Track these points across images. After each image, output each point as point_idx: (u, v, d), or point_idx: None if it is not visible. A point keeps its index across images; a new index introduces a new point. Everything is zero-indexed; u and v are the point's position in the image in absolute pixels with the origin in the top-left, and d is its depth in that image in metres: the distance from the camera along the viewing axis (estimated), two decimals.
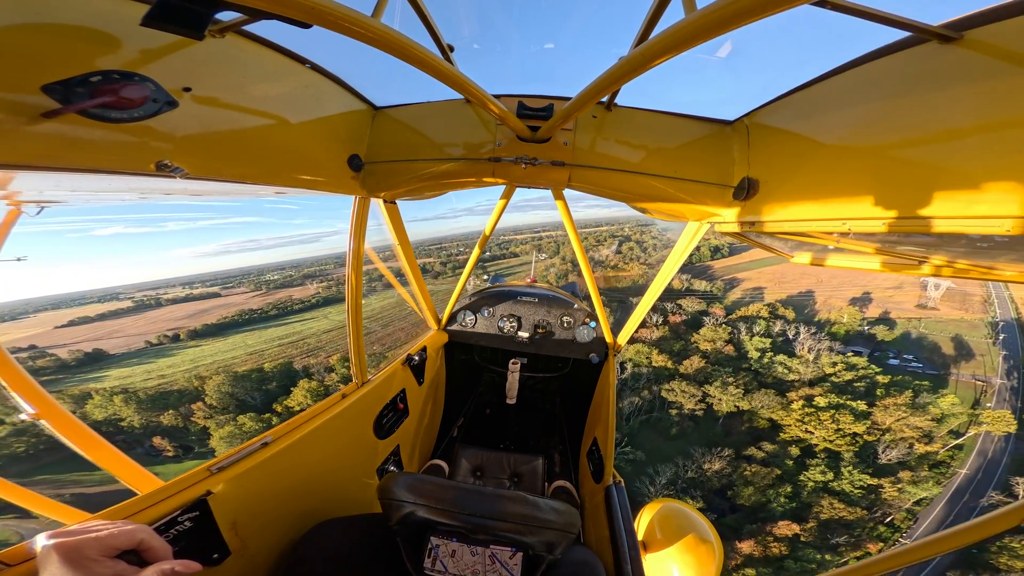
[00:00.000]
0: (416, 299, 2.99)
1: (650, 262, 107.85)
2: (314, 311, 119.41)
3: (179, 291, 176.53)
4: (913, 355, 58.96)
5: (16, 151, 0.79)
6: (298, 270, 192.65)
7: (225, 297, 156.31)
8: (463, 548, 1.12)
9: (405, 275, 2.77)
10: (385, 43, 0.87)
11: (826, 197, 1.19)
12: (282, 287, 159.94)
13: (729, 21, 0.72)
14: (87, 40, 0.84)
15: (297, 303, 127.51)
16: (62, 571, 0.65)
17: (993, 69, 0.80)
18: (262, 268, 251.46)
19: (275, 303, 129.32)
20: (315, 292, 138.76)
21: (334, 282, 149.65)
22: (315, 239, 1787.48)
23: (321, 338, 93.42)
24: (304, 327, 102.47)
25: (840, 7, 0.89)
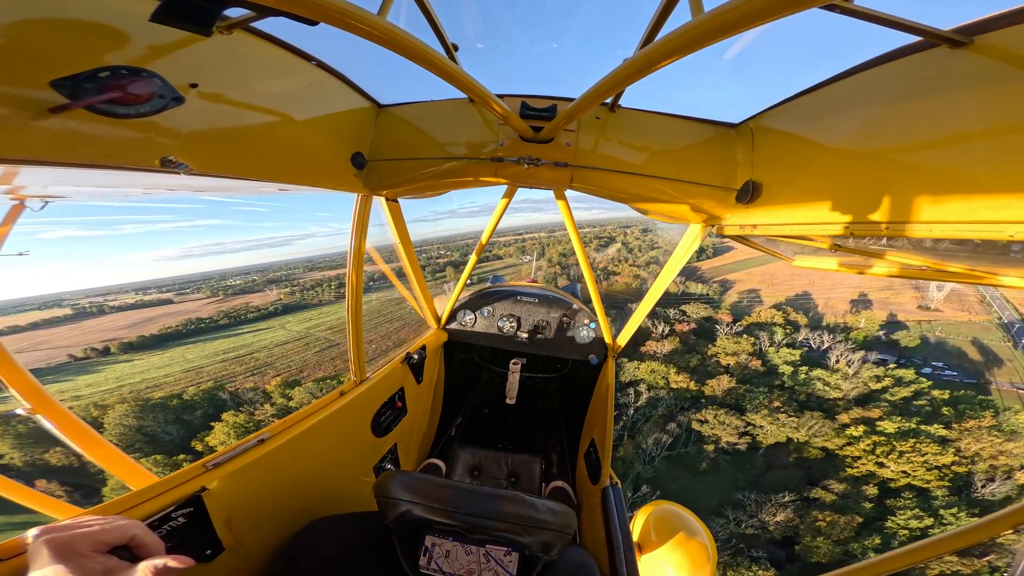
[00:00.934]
0: (416, 297, 2.98)
1: (639, 263, 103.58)
2: (271, 320, 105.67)
3: (130, 297, 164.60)
4: (943, 363, 53.35)
5: (23, 146, 0.80)
6: (263, 275, 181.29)
7: (178, 304, 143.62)
8: (459, 547, 1.11)
9: (405, 273, 2.77)
10: (390, 41, 0.87)
11: (829, 201, 1.19)
12: (241, 293, 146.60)
13: (737, 24, 0.72)
14: (96, 36, 0.84)
15: (253, 311, 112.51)
16: (53, 566, 0.65)
17: (1004, 74, 0.80)
18: (225, 272, 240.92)
19: (229, 311, 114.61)
20: (275, 299, 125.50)
21: (298, 288, 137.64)
22: (285, 242, 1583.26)
23: (272, 352, 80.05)
24: (255, 339, 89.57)
25: (850, 11, 0.89)
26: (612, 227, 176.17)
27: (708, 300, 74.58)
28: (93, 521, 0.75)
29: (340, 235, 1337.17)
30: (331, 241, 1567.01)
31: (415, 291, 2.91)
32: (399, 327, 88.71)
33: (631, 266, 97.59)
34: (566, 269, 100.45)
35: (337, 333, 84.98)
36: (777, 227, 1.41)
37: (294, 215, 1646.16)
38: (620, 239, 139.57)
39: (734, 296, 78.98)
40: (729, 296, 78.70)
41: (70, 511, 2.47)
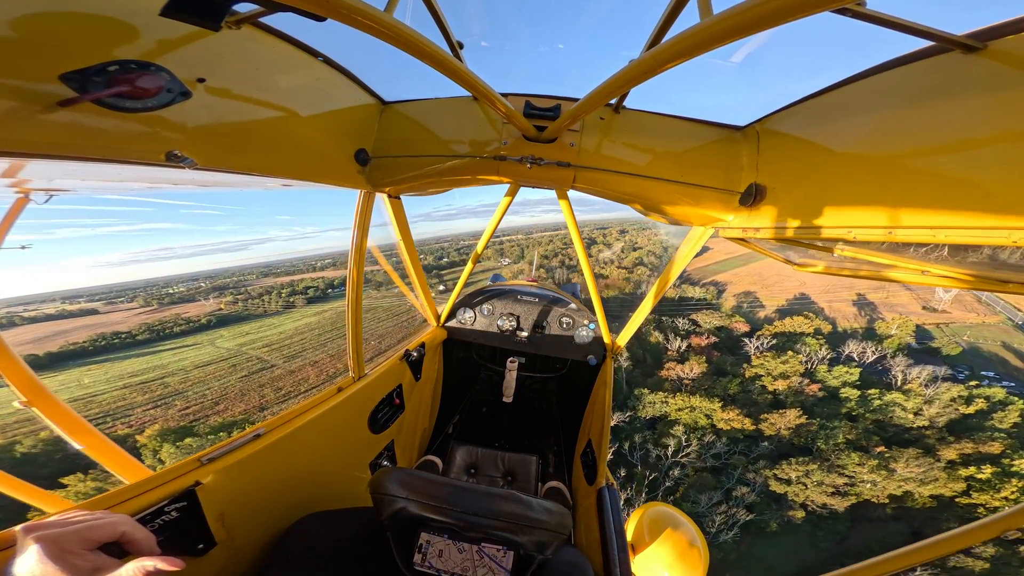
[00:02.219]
0: (417, 294, 2.98)
1: (625, 264, 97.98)
2: (201, 334, 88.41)
3: (52, 307, 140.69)
4: (992, 372, 45.26)
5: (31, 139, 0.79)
6: (212, 281, 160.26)
7: (103, 315, 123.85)
8: (454, 545, 1.11)
9: (406, 270, 2.76)
10: (396, 38, 0.87)
11: (834, 205, 1.19)
12: (180, 302, 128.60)
13: (746, 27, 0.71)
14: (106, 29, 0.84)
15: (183, 323, 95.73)
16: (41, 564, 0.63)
17: (1016, 80, 0.79)
18: (171, 279, 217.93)
19: (155, 323, 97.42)
20: (215, 309, 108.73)
21: (244, 297, 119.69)
22: (242, 247, 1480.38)
23: (188, 376, 63.54)
24: (175, 358, 74.15)
25: (862, 15, 0.89)
26: (589, 228, 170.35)
27: (708, 305, 69.21)
28: (82, 517, 0.73)
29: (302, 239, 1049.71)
30: (292, 245, 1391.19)
31: (415, 288, 2.91)
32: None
33: (618, 268, 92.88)
34: (550, 272, 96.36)
35: (273, 352, 70.46)
36: (780, 230, 1.41)
37: (251, 218, 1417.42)
38: (600, 240, 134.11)
39: (731, 300, 73.92)
40: (726, 300, 73.46)
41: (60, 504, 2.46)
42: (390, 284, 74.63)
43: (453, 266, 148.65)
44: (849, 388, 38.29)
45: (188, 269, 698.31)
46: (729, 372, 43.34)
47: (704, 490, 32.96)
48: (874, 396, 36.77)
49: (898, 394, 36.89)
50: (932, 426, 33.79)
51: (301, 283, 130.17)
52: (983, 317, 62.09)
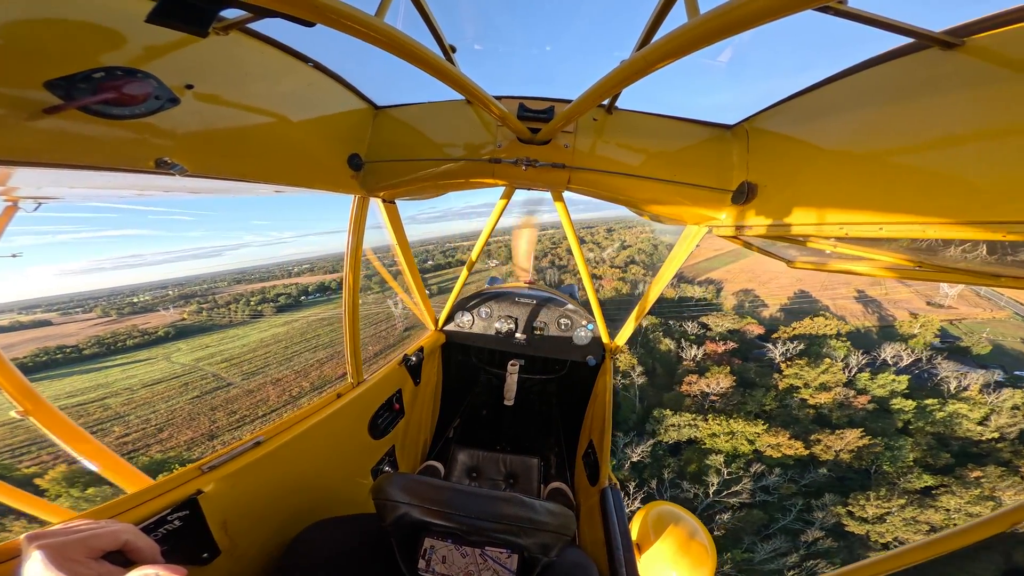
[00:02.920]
0: (414, 299, 2.97)
1: (617, 263, 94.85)
2: (157, 348, 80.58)
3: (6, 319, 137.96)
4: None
5: (17, 147, 0.79)
6: (181, 289, 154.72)
7: (57, 326, 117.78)
8: (458, 549, 1.11)
9: (403, 274, 2.76)
10: (388, 42, 0.87)
11: (825, 202, 1.20)
12: (141, 312, 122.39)
13: (732, 26, 0.73)
14: (91, 36, 0.84)
15: (138, 336, 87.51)
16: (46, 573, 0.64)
17: (994, 75, 0.81)
18: (138, 287, 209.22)
19: (107, 336, 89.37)
20: (177, 320, 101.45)
21: (211, 305, 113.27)
22: (216, 253, 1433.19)
23: (133, 397, 56.26)
24: (123, 375, 67.07)
25: (843, 13, 0.90)
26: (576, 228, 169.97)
27: (708, 305, 66.03)
28: (86, 526, 0.74)
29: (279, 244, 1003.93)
30: (269, 250, 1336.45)
31: (412, 292, 2.91)
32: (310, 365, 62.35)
33: (611, 267, 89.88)
34: (541, 273, 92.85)
35: (232, 368, 63.11)
36: (773, 228, 1.42)
37: (226, 223, 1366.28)
38: (588, 239, 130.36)
39: (731, 298, 70.91)
40: (725, 298, 70.41)
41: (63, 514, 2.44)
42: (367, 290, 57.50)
43: (439, 268, 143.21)
44: (901, 400, 33.03)
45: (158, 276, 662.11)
46: (758, 383, 37.32)
47: (762, 533, 27.40)
48: (934, 407, 31.47)
49: (960, 403, 31.69)
50: (1003, 438, 29.08)
51: (273, 290, 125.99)
52: (990, 312, 60.36)
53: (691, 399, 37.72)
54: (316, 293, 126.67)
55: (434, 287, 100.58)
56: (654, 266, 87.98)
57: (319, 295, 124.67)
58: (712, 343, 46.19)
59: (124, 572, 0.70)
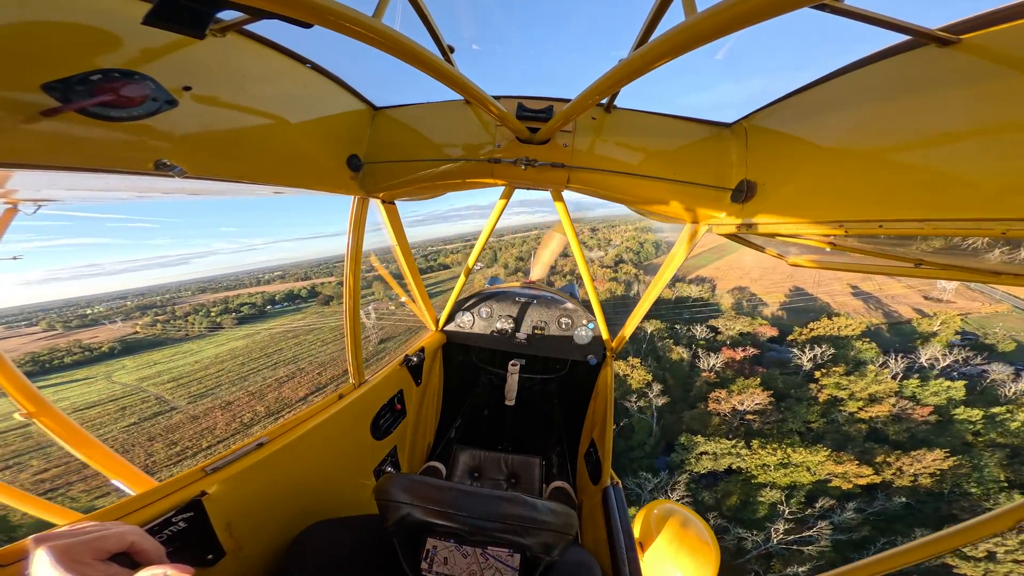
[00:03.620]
0: (414, 299, 2.98)
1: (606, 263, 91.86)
2: (96, 366, 72.03)
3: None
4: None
5: (15, 149, 0.79)
6: (142, 299, 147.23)
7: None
8: (460, 549, 1.11)
9: (403, 275, 2.76)
10: (386, 43, 0.87)
11: (823, 200, 1.20)
12: (92, 325, 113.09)
13: (729, 24, 0.72)
14: (88, 38, 0.84)
15: (79, 351, 78.89)
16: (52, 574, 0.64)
17: (991, 72, 0.81)
18: (95, 298, 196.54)
19: (44, 352, 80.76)
20: (128, 333, 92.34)
21: (168, 317, 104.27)
22: (183, 260, 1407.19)
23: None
24: (55, 397, 54.28)
25: (840, 10, 0.90)
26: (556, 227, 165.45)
27: (706, 305, 62.88)
28: (92, 528, 0.74)
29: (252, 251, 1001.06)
30: (240, 257, 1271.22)
31: (413, 293, 2.91)
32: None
33: (601, 267, 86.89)
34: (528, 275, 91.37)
35: (179, 389, 55.19)
36: (772, 226, 1.42)
37: (193, 231, 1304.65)
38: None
39: (727, 297, 67.92)
40: (721, 297, 67.44)
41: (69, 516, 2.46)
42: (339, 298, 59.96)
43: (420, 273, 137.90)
44: (966, 410, 28.52)
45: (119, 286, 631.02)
46: (792, 395, 32.21)
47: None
48: (1003, 415, 27.19)
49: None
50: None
51: (237, 299, 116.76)
52: (990, 307, 58.75)
53: (719, 418, 31.83)
54: (284, 302, 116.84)
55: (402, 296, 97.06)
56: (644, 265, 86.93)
57: (287, 304, 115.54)
58: (729, 349, 40.62)
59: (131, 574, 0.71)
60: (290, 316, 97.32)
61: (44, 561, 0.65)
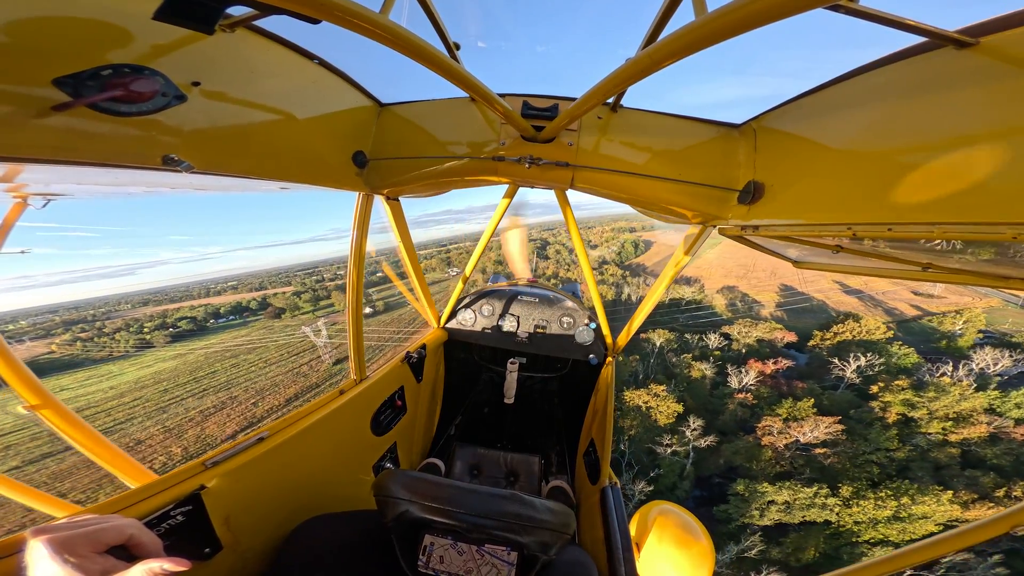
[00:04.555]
0: (417, 296, 2.98)
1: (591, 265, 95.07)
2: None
3: None
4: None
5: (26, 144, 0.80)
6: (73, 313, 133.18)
7: None
8: (458, 547, 1.11)
9: (406, 271, 2.77)
10: (392, 40, 0.87)
11: (832, 201, 1.19)
12: None
13: (741, 24, 0.71)
14: (99, 34, 0.84)
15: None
16: (50, 566, 0.64)
17: (1008, 74, 0.79)
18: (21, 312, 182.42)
19: None
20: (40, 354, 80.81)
21: (95, 334, 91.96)
22: (128, 271, 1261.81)
23: None
24: None
25: (855, 11, 0.89)
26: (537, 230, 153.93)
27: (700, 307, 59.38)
28: (90, 520, 0.74)
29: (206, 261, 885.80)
30: (193, 268, 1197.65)
31: (416, 290, 2.91)
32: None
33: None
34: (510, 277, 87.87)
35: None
36: (779, 228, 1.41)
37: (138, 239, 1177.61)
38: (553, 241, 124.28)
39: (718, 298, 63.42)
40: (712, 298, 63.18)
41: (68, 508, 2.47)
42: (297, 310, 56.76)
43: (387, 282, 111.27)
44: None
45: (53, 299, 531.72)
46: (851, 416, 27.03)
47: None
48: None
49: None
50: None
51: (178, 313, 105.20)
52: (982, 301, 57.52)
53: (773, 451, 25.43)
54: (230, 315, 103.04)
55: (379, 303, 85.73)
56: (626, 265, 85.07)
57: (233, 318, 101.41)
58: (757, 362, 33.95)
59: (128, 566, 0.71)
60: (234, 332, 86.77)
61: (41, 553, 0.65)
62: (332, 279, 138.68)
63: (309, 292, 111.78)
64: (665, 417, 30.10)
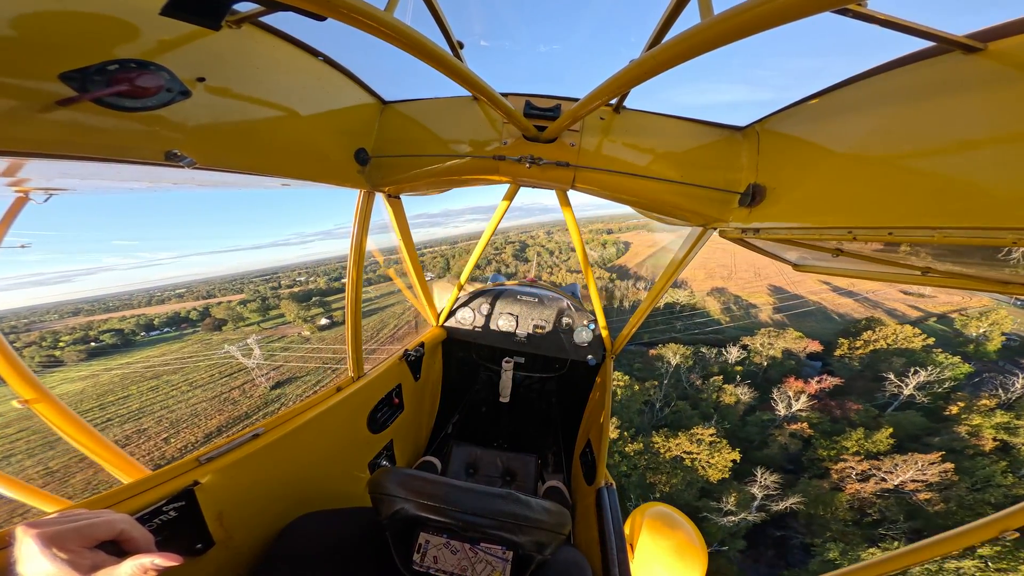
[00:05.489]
0: (416, 294, 2.98)
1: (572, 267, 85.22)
2: None
3: None
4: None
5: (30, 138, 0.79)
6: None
7: None
8: (453, 545, 1.11)
9: (406, 270, 2.76)
10: (396, 37, 0.87)
11: (833, 205, 1.19)
12: None
13: (747, 27, 0.71)
14: (106, 28, 0.84)
15: None
16: (40, 561, 0.64)
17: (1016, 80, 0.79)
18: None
19: None
20: None
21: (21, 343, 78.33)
22: (62, 279, 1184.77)
23: None
24: None
25: (862, 15, 0.89)
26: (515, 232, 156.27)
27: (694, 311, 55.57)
28: (81, 515, 0.74)
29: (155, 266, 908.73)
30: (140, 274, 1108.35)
31: (415, 288, 2.91)
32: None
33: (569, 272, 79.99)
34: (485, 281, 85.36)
35: None
36: (779, 231, 1.41)
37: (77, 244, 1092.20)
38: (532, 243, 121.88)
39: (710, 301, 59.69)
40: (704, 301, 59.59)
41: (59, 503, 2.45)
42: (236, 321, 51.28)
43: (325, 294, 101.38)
44: None
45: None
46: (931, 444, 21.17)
47: None
48: None
49: None
50: None
51: (106, 324, 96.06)
52: (973, 301, 56.45)
53: (857, 500, 19.64)
54: (165, 327, 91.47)
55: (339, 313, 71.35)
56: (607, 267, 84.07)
57: (168, 330, 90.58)
58: (797, 379, 26.86)
59: (119, 562, 0.70)
60: (164, 347, 76.70)
61: (31, 548, 0.64)
62: (290, 286, 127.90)
63: (257, 301, 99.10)
64: (718, 471, 22.80)
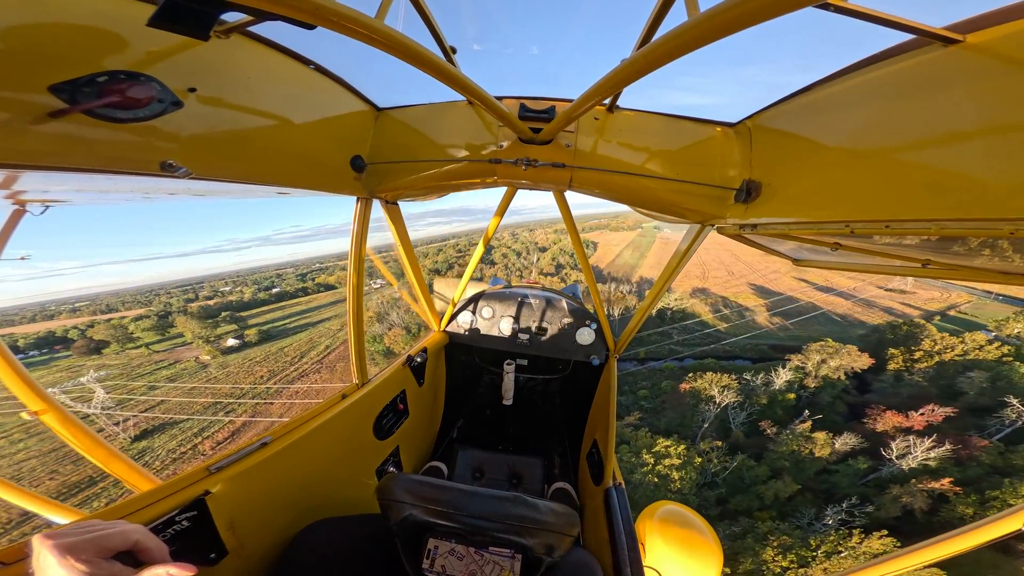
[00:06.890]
0: (417, 300, 2.99)
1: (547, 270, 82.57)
2: None
3: None
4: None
5: (23, 150, 0.80)
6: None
7: None
8: (461, 550, 1.11)
9: (405, 275, 2.77)
10: (388, 44, 0.87)
11: (829, 199, 1.19)
12: None
13: (732, 24, 0.72)
14: (94, 40, 0.85)
15: None
16: (57, 572, 0.65)
17: (996, 71, 0.80)
18: None
19: None
20: None
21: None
22: None
23: None
24: None
25: (843, 10, 0.89)
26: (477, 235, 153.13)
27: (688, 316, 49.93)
28: (96, 526, 0.74)
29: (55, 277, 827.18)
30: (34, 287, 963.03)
31: (415, 293, 2.92)
32: None
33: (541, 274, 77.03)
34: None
35: None
36: (777, 226, 1.41)
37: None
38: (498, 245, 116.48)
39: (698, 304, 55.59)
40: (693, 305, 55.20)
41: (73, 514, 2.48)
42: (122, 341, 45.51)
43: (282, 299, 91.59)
44: None
45: None
46: None
47: None
48: None
49: None
50: None
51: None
52: (960, 296, 56.91)
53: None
54: (31, 350, 79.11)
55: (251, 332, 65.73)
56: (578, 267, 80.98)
57: (35, 353, 77.45)
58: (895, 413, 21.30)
59: (135, 572, 0.72)
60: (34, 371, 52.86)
61: (48, 559, 0.65)
62: (211, 296, 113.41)
63: (153, 317, 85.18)
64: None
